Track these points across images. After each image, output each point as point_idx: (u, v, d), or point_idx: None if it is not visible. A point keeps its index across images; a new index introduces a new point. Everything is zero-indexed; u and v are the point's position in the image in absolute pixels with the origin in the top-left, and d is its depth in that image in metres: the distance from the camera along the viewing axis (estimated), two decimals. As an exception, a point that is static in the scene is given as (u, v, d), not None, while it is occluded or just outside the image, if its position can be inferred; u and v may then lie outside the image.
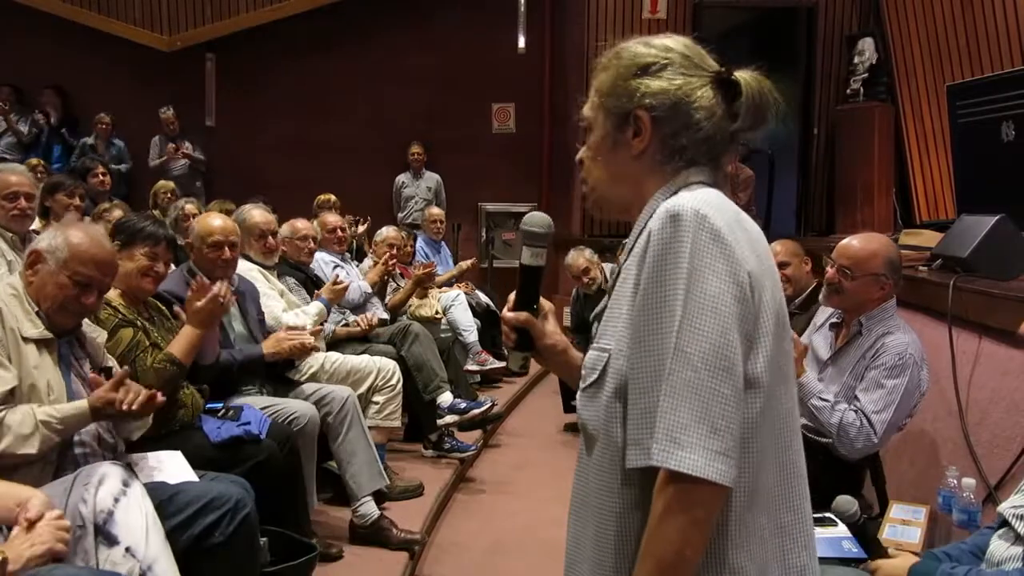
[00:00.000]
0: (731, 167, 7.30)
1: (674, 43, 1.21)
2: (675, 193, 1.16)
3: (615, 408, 1.12)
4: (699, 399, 1.02)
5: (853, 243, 2.70)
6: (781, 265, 3.32)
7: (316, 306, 3.71)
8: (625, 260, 1.19)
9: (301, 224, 4.18)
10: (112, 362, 2.36)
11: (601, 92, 1.23)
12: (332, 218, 4.85)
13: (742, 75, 1.18)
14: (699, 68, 1.19)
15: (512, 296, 1.37)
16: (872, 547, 2.05)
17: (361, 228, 6.37)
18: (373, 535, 3.22)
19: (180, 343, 2.60)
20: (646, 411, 1.06)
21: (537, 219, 1.36)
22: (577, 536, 1.22)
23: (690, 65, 1.19)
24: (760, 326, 1.08)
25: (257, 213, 3.72)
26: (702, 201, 1.09)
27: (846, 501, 2.00)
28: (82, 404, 2.06)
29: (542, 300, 1.37)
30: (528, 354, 1.38)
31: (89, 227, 2.28)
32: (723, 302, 1.05)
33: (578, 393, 1.21)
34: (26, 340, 2.07)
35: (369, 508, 3.23)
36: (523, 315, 1.34)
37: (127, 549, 1.84)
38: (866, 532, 2.06)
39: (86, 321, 2.32)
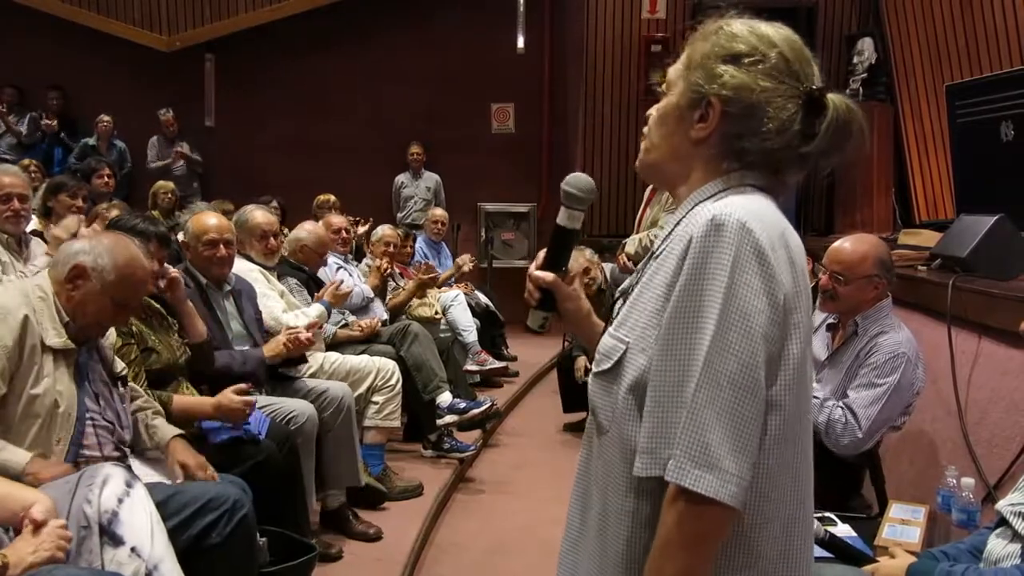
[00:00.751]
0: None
1: (780, 39, 1.15)
2: (724, 191, 1.13)
3: (630, 402, 1.11)
4: (721, 419, 1.01)
5: (843, 247, 2.69)
6: None
7: (316, 308, 3.71)
8: (662, 246, 1.16)
9: (323, 232, 4.18)
10: (121, 365, 2.36)
11: (690, 62, 1.17)
12: (337, 219, 4.83)
13: (834, 98, 1.12)
14: (793, 77, 1.12)
15: (541, 254, 1.33)
16: (849, 556, 2.06)
17: (361, 229, 6.37)
18: (335, 522, 3.27)
19: (187, 404, 2.62)
20: (663, 422, 1.05)
21: (579, 181, 1.31)
22: (581, 522, 1.21)
23: (785, 70, 1.12)
24: (787, 348, 1.06)
25: (259, 214, 3.72)
26: (749, 212, 1.06)
27: None
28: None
29: (571, 262, 1.34)
30: (549, 314, 1.34)
31: (130, 245, 2.25)
32: (757, 322, 1.03)
33: (590, 376, 1.20)
34: (47, 348, 2.05)
35: (335, 501, 3.28)
36: (550, 276, 1.31)
37: (132, 549, 1.84)
38: (835, 545, 2.06)
39: None
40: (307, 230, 4.14)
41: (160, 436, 2.38)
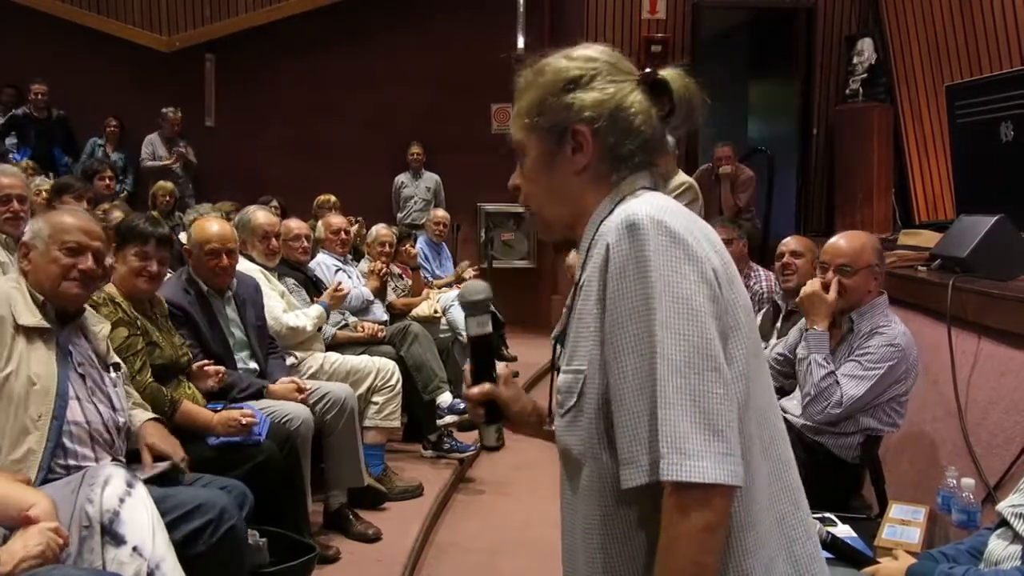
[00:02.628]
0: (731, 167, 7.16)
1: (596, 52, 1.19)
2: (622, 201, 1.15)
3: (599, 426, 1.10)
4: (694, 404, 1.01)
5: (840, 242, 2.75)
6: (795, 254, 3.32)
7: (316, 309, 3.72)
8: (581, 276, 1.16)
9: (293, 224, 4.16)
10: (116, 358, 2.36)
11: (530, 112, 1.21)
12: (336, 220, 4.79)
13: (668, 73, 1.17)
14: (625, 73, 1.18)
15: (467, 369, 1.34)
16: (849, 558, 2.06)
17: (353, 228, 6.34)
18: (335, 523, 3.29)
19: (192, 413, 2.63)
20: (635, 427, 1.04)
21: (474, 287, 1.34)
22: (575, 564, 1.19)
23: (616, 72, 1.17)
24: (730, 321, 1.07)
25: (261, 214, 3.72)
26: (656, 207, 1.08)
27: None
28: None
29: (499, 367, 1.35)
30: (501, 424, 1.35)
31: (63, 207, 2.35)
32: (697, 303, 1.03)
33: (556, 420, 1.18)
34: (20, 328, 2.07)
35: (336, 501, 3.30)
36: (486, 387, 1.32)
37: (134, 548, 1.84)
38: (836, 547, 2.07)
39: (90, 312, 2.33)
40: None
41: (135, 422, 2.36)
